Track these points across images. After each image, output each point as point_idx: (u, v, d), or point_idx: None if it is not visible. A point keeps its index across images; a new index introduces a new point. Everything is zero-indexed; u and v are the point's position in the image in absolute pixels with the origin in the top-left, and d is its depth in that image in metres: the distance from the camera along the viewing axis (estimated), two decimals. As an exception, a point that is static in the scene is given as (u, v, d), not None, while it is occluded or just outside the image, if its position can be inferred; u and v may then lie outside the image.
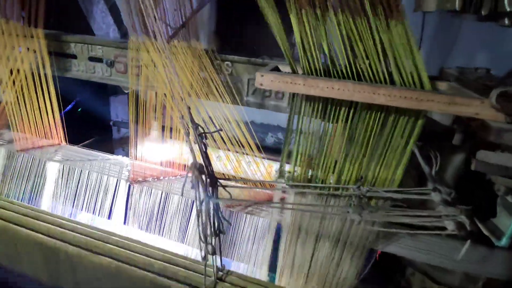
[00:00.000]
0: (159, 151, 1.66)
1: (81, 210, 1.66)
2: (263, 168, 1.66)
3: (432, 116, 1.14)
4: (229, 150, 1.52)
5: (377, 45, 0.93)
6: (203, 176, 1.07)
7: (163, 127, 1.61)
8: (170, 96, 1.45)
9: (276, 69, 1.14)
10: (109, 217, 1.62)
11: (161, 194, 1.52)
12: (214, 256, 1.19)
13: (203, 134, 1.06)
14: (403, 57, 0.92)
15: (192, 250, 1.52)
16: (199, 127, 1.05)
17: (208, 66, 1.47)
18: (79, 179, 1.65)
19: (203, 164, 1.06)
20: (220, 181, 1.13)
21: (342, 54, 0.97)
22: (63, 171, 1.67)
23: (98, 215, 1.64)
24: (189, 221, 1.53)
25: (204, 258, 1.15)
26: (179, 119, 1.04)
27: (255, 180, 1.51)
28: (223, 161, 1.66)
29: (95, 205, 1.64)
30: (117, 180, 1.59)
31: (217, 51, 1.50)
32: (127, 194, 1.54)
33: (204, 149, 1.07)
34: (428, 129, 1.08)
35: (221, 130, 1.36)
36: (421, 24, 1.46)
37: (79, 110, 2.09)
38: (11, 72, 1.66)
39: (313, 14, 0.94)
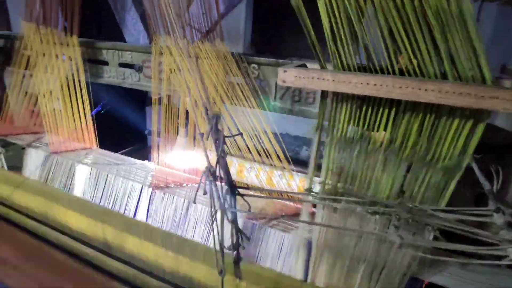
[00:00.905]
0: (183, 158, 1.61)
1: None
2: (296, 182, 1.54)
3: (493, 122, 0.95)
4: (262, 163, 1.43)
5: (424, 31, 0.78)
6: (218, 183, 0.98)
7: (187, 132, 1.56)
8: (193, 101, 1.39)
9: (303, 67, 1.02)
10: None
11: (183, 201, 1.46)
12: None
13: (222, 138, 0.98)
14: (458, 44, 0.75)
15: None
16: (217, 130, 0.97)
17: (233, 69, 1.39)
18: (105, 182, 1.65)
19: (221, 170, 0.97)
20: (240, 189, 1.02)
21: (380, 43, 0.83)
22: (91, 174, 1.68)
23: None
24: (210, 230, 1.44)
25: (221, 273, 1.04)
26: (195, 121, 0.96)
27: (276, 190, 1.39)
28: (254, 173, 1.57)
29: (119, 208, 1.62)
30: (142, 185, 1.56)
31: (243, 53, 1.42)
32: (149, 199, 1.50)
33: (222, 154, 0.98)
34: (488, 138, 0.89)
35: (241, 134, 1.26)
36: (476, 16, 1.26)
37: (102, 111, 2.13)
38: (50, 78, 1.72)
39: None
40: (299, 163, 1.48)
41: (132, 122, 2.76)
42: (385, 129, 0.91)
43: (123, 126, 2.66)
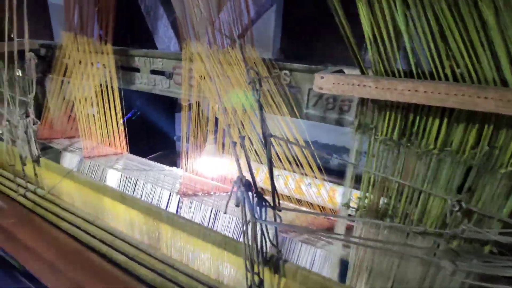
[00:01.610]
0: (211, 165, 1.58)
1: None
2: (325, 192, 1.46)
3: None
4: (291, 171, 1.37)
5: (480, 31, 0.69)
6: (250, 194, 0.93)
7: (216, 139, 1.54)
8: (222, 108, 1.37)
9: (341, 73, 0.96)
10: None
11: (211, 210, 1.42)
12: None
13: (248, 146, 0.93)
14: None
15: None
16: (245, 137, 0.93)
17: (264, 75, 1.35)
18: (134, 188, 1.66)
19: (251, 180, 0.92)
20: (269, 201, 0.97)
21: (430, 46, 0.75)
22: (121, 179, 1.70)
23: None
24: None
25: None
26: (225, 129, 0.92)
27: (309, 201, 1.32)
28: (282, 181, 1.51)
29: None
30: (170, 192, 1.55)
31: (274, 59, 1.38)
32: (177, 207, 1.48)
33: (249, 163, 0.94)
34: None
35: (272, 136, 1.20)
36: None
37: (133, 118, 2.17)
38: (86, 85, 1.78)
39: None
40: (329, 172, 1.40)
41: (161, 128, 2.81)
42: (435, 139, 0.82)
43: (152, 131, 2.72)
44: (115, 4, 1.59)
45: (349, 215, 0.98)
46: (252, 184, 0.92)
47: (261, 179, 1.62)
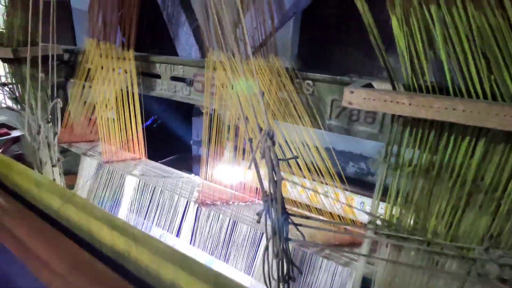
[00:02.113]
0: (230, 174, 1.57)
1: (153, 224, 1.67)
2: (342, 200, 1.43)
3: None
4: (305, 177, 1.34)
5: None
6: (273, 210, 0.91)
7: (236, 148, 1.52)
8: (244, 117, 1.35)
9: (369, 87, 0.93)
10: (177, 235, 1.58)
11: (229, 220, 1.41)
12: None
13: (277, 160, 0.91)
14: None
15: (258, 286, 1.36)
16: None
17: (287, 85, 1.33)
18: (152, 194, 1.66)
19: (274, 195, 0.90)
20: (293, 215, 0.94)
21: (468, 62, 0.72)
22: (139, 185, 1.71)
23: (168, 231, 1.61)
24: (256, 253, 1.37)
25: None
26: (248, 142, 0.91)
27: (329, 210, 1.28)
28: (298, 188, 1.48)
29: (165, 222, 1.62)
30: (187, 200, 1.54)
31: (297, 69, 1.36)
32: (195, 216, 1.47)
33: (275, 178, 0.92)
34: None
35: (297, 157, 1.19)
36: None
37: (154, 125, 2.18)
38: (107, 90, 1.80)
39: (426, 11, 0.72)
40: (346, 180, 1.37)
41: (177, 132, 2.83)
42: (470, 158, 0.78)
43: (168, 135, 2.73)
44: (138, 12, 1.60)
45: (376, 232, 0.95)
46: (274, 198, 0.90)
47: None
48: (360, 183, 2.32)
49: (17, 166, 1.52)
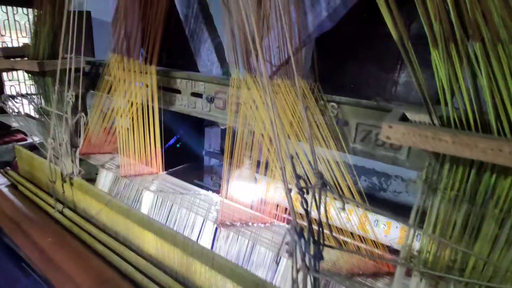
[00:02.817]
0: (250, 192, 1.55)
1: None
2: (355, 217, 1.39)
3: None
4: (331, 198, 1.32)
5: None
6: (303, 241, 0.88)
7: (258, 164, 1.50)
8: (268, 138, 1.34)
9: (404, 118, 0.91)
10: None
11: (247, 242, 1.38)
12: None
13: (306, 189, 0.89)
14: None
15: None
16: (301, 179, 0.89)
17: (312, 106, 1.32)
18: (169, 211, 1.64)
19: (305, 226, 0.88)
20: (328, 246, 0.92)
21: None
22: (156, 201, 1.70)
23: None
24: (275, 275, 1.34)
25: None
26: (279, 171, 0.89)
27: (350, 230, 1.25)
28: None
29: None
30: (204, 219, 1.52)
31: (322, 91, 1.35)
32: (213, 237, 1.45)
33: (306, 207, 0.90)
34: None
35: (326, 186, 1.16)
36: None
37: (178, 145, 2.18)
38: (127, 103, 1.81)
39: (470, 48, 0.71)
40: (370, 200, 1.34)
41: (188, 141, 2.82)
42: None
43: (180, 144, 2.72)
44: (163, 28, 1.61)
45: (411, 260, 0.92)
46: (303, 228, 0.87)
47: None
48: (372, 199, 2.28)
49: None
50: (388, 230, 1.45)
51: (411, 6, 0.79)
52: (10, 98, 1.93)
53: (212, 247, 1.42)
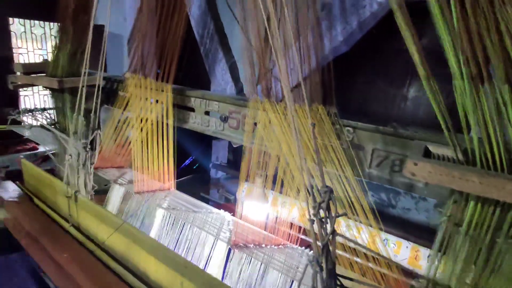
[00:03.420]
0: (263, 212, 1.54)
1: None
2: (365, 236, 1.38)
3: None
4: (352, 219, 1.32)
5: None
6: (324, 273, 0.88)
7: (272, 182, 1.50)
8: (285, 161, 1.35)
9: (427, 151, 0.92)
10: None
11: (260, 265, 1.38)
12: None
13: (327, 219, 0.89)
14: None
15: None
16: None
17: (328, 131, 1.33)
18: (181, 229, 1.64)
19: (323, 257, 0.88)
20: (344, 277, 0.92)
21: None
22: (168, 218, 1.70)
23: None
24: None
25: None
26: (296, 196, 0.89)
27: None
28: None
29: (192, 258, 1.59)
30: (215, 239, 1.52)
31: (338, 115, 1.36)
32: (227, 257, 1.44)
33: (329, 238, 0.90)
34: None
35: (346, 214, 1.17)
36: None
37: (194, 167, 2.19)
38: (141, 119, 1.83)
39: (498, 92, 0.72)
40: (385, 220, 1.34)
41: (195, 153, 2.82)
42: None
43: (185, 154, 2.73)
44: (180, 49, 1.64)
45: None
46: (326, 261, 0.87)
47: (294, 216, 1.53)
48: (380, 215, 2.26)
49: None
50: (398, 250, 1.44)
51: (420, 22, 0.80)
52: (27, 113, 1.96)
53: (224, 269, 1.41)
